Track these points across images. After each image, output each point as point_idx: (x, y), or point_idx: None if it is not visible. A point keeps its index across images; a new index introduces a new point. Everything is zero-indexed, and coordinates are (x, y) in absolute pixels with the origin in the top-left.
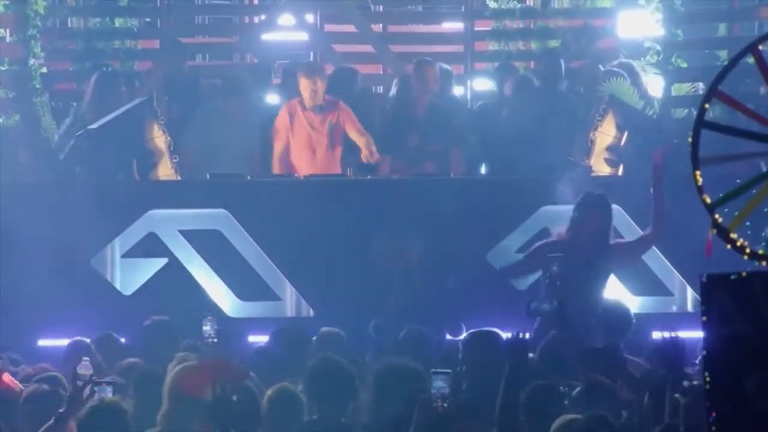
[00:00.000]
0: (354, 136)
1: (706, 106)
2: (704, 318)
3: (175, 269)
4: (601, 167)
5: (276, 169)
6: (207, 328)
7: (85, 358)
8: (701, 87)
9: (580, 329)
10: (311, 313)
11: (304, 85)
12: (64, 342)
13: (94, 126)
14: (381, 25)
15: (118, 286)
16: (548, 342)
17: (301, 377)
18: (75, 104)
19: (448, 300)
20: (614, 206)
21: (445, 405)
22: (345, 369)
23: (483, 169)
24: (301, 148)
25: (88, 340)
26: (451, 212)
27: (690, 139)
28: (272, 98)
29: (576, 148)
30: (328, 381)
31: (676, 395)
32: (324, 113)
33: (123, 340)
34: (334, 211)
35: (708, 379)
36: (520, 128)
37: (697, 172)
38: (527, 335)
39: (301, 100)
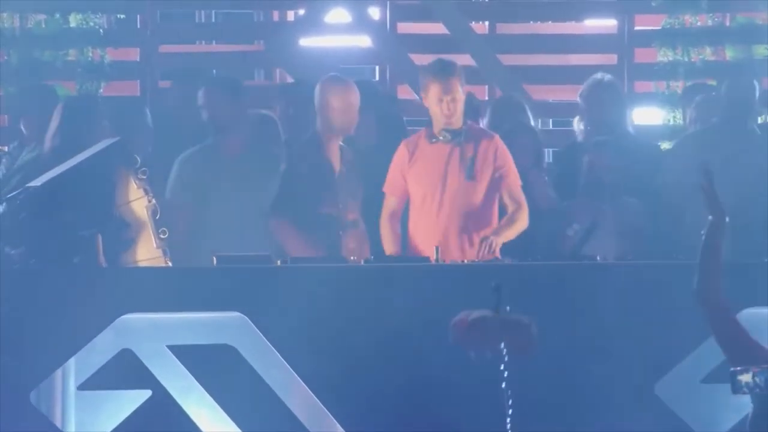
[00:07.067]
0: (506, 198)
1: None
2: None
3: (162, 406)
4: None
5: (383, 231)
6: None
7: None
8: None
9: None
10: None
11: (433, 94)
12: None
13: (37, 183)
14: (487, 23)
15: None
16: None
17: None
18: (8, 148)
19: None
20: None
21: None
22: None
23: None
24: (422, 195)
25: None
26: (601, 319)
27: None
28: None
29: None
30: None
31: None
32: (462, 144)
33: None
34: (408, 313)
35: None
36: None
37: None
38: None
39: (429, 129)
